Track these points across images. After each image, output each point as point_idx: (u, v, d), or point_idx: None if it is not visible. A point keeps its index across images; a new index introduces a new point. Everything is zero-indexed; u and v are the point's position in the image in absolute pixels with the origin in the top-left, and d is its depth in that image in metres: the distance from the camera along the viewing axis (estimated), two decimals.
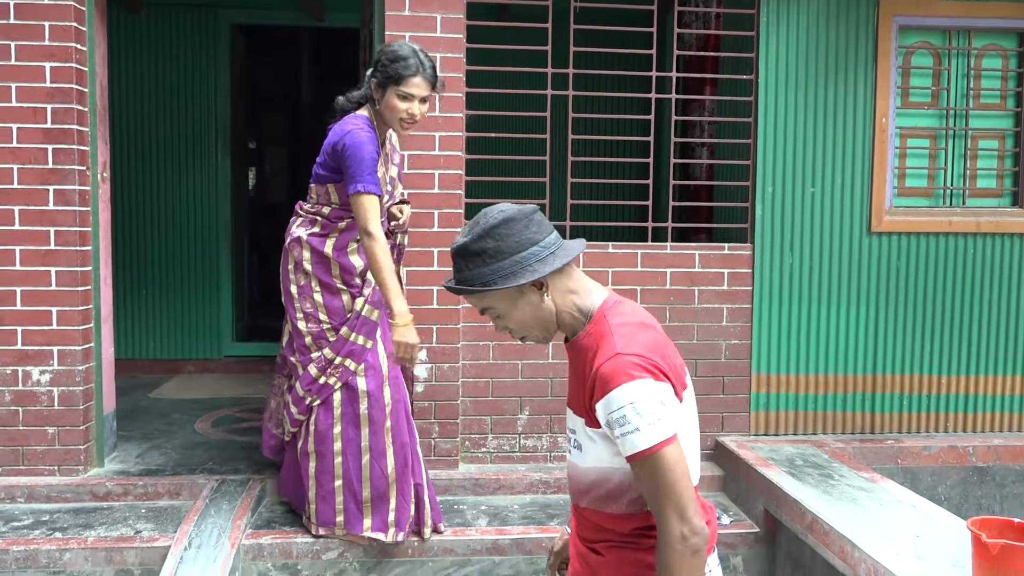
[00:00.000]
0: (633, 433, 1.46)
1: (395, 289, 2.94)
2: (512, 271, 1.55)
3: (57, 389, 3.61)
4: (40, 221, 3.55)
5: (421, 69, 2.96)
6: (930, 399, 4.10)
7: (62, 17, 3.50)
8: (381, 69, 2.99)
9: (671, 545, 1.48)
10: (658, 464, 1.46)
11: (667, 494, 1.47)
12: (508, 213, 1.58)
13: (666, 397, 1.50)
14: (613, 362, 1.49)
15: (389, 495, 3.14)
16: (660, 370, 1.52)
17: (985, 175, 4.14)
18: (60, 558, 3.14)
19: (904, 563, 2.55)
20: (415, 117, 3.01)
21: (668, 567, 1.48)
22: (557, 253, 1.58)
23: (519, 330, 1.64)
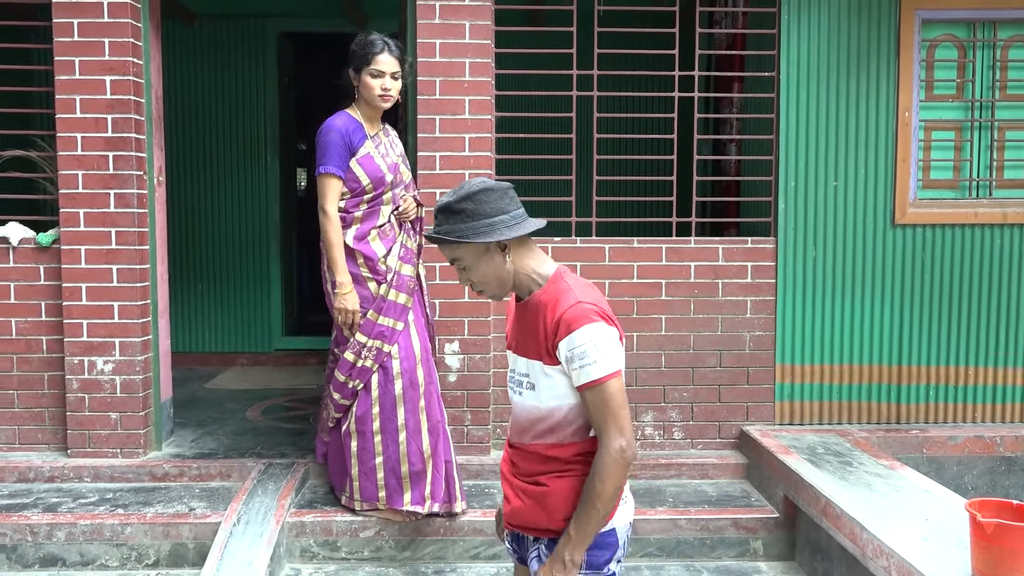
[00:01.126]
0: (590, 365, 1.78)
1: (340, 264, 3.31)
2: (483, 230, 1.83)
3: (119, 378, 3.90)
4: (103, 223, 3.85)
5: (387, 48, 3.30)
6: (957, 390, 4.13)
7: (120, 34, 3.78)
8: (354, 56, 3.32)
9: (610, 455, 1.78)
10: (607, 391, 1.79)
11: (612, 416, 1.79)
12: (488, 184, 1.86)
13: (615, 339, 1.83)
14: (576, 308, 1.80)
15: (426, 470, 3.36)
16: (611, 317, 1.86)
17: (1012, 166, 4.15)
18: (122, 532, 3.42)
19: (908, 543, 2.64)
20: (389, 91, 3.32)
21: (603, 472, 1.79)
22: (523, 224, 1.87)
23: (479, 283, 1.92)
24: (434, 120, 3.90)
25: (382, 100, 3.34)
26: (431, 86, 3.88)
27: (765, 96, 4.15)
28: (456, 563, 3.45)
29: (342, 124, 3.32)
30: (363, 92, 3.35)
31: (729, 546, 3.53)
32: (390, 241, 3.41)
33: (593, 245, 4.03)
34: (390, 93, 3.34)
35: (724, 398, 4.10)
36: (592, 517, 1.80)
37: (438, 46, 3.87)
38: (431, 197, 3.89)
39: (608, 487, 1.78)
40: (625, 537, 1.93)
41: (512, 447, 1.99)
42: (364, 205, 3.35)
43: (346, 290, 3.33)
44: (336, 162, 3.28)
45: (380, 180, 3.35)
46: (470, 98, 3.90)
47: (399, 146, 3.55)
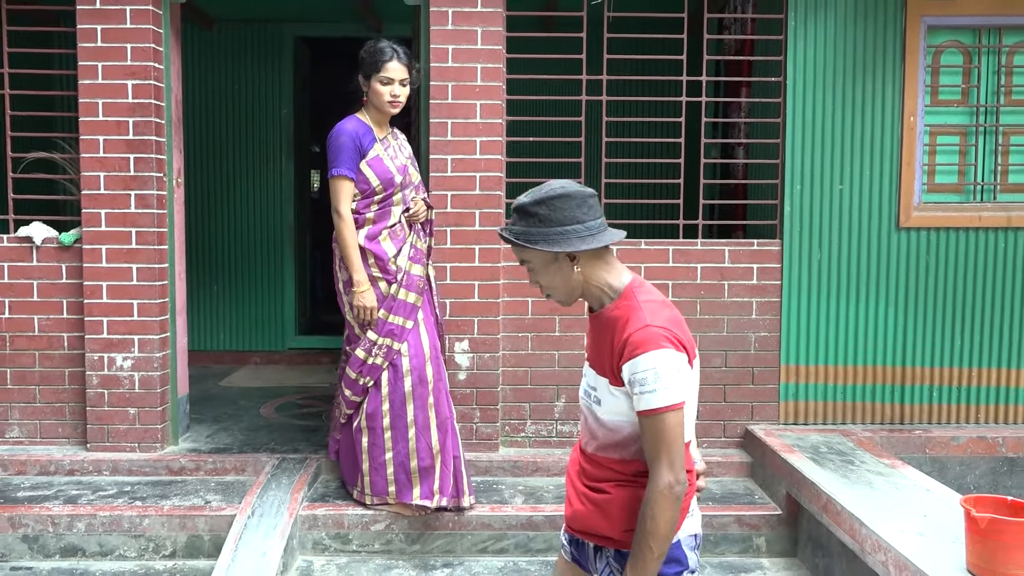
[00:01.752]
0: (650, 393, 1.72)
1: (356, 263, 3.41)
2: (553, 238, 1.79)
3: (137, 374, 4.01)
4: (123, 223, 3.96)
5: (396, 55, 3.39)
6: (960, 391, 4.17)
7: (142, 39, 3.89)
8: (363, 64, 3.42)
9: (659, 490, 1.73)
10: (663, 423, 1.72)
11: (664, 448, 1.73)
12: (568, 190, 1.82)
13: (682, 366, 1.75)
14: (644, 332, 1.74)
15: (435, 465, 3.44)
16: (680, 342, 1.77)
17: (1017, 171, 4.19)
18: (140, 523, 3.52)
19: (905, 538, 2.70)
20: (398, 98, 3.43)
21: (652, 507, 1.74)
22: (596, 236, 1.81)
23: (547, 288, 1.90)
24: (446, 124, 3.98)
25: (391, 106, 3.44)
26: (443, 90, 3.97)
27: (772, 101, 4.22)
28: (464, 556, 3.53)
29: (352, 128, 3.41)
30: (373, 98, 3.44)
31: (733, 542, 3.59)
32: (400, 241, 3.50)
33: None
34: (399, 99, 3.44)
35: (729, 398, 4.16)
36: (647, 557, 1.74)
37: (451, 51, 3.96)
38: (443, 199, 3.98)
39: (660, 524, 1.72)
40: (692, 550, 1.88)
41: (581, 451, 1.96)
42: (375, 206, 3.44)
43: (363, 288, 3.42)
44: (348, 164, 3.37)
45: (389, 181, 3.44)
46: (481, 102, 3.98)
47: (407, 148, 3.64)
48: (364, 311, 3.44)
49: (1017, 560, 2.34)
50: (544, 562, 3.51)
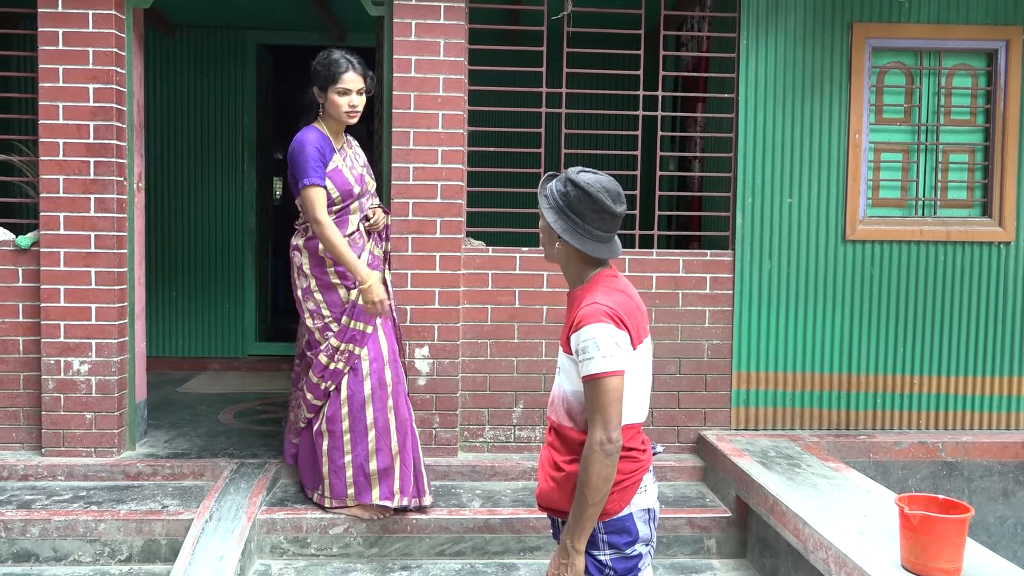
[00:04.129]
0: (589, 360, 1.96)
1: (354, 261, 3.41)
2: (560, 221, 2.05)
3: (95, 378, 3.99)
4: (82, 227, 3.95)
5: (351, 66, 3.42)
6: (903, 397, 4.35)
7: (104, 43, 3.90)
8: (318, 75, 3.44)
9: (591, 445, 1.96)
10: (601, 387, 1.95)
11: (600, 410, 1.95)
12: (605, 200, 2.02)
13: (621, 341, 1.98)
14: (589, 307, 2.00)
15: (394, 466, 3.49)
16: (622, 320, 2.01)
17: (956, 187, 4.39)
18: (96, 527, 3.50)
19: (845, 537, 2.82)
20: (356, 108, 3.46)
21: (586, 461, 1.96)
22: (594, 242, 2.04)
23: (546, 252, 2.18)
24: (408, 133, 4.05)
25: (349, 116, 3.48)
26: (406, 100, 4.04)
27: (725, 116, 4.36)
28: (422, 560, 3.58)
29: (315, 138, 3.44)
30: (330, 109, 3.46)
31: (684, 544, 3.69)
32: (359, 249, 3.54)
33: None
34: (357, 109, 3.47)
35: (683, 404, 4.28)
36: (583, 505, 1.95)
37: (413, 62, 4.03)
38: (404, 207, 4.05)
39: (591, 476, 1.93)
40: (645, 523, 2.09)
41: (550, 428, 2.15)
42: (332, 216, 3.48)
43: (370, 281, 3.39)
44: (317, 173, 3.40)
45: (348, 192, 3.49)
46: (443, 112, 4.06)
47: (362, 157, 3.68)
48: (375, 305, 3.41)
49: (947, 554, 2.47)
50: (501, 564, 3.57)
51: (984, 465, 4.19)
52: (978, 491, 4.18)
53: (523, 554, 3.61)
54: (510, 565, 3.56)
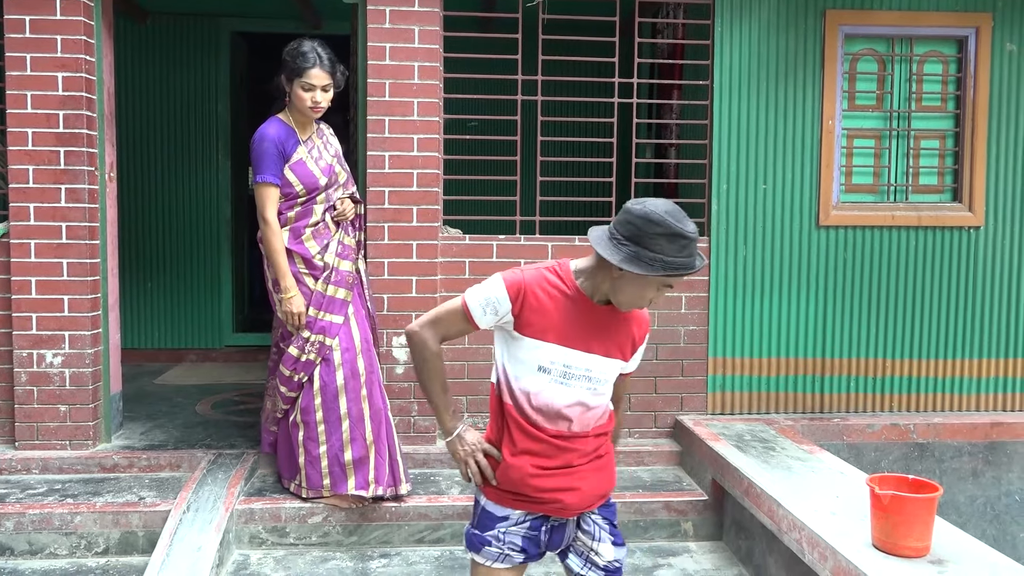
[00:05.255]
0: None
1: (284, 269, 3.43)
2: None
3: (68, 371, 3.95)
4: (53, 217, 3.90)
5: (319, 61, 3.36)
6: (875, 381, 4.41)
7: (73, 31, 3.84)
8: (286, 65, 3.39)
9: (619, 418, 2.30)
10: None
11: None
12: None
13: None
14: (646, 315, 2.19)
15: (369, 456, 3.49)
16: None
17: (927, 173, 4.45)
18: (72, 520, 3.48)
19: (818, 517, 2.87)
20: (320, 104, 3.41)
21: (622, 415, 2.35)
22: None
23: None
24: (384, 121, 4.03)
25: (312, 112, 3.44)
26: (381, 88, 4.02)
27: (701, 103, 4.38)
28: (401, 547, 3.59)
29: (275, 132, 3.41)
30: (295, 101, 3.43)
31: (661, 528, 3.73)
32: (324, 238, 3.53)
33: (536, 243, 4.21)
34: (321, 105, 3.43)
35: (660, 389, 4.31)
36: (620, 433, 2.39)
37: (388, 50, 4.01)
38: (380, 195, 4.03)
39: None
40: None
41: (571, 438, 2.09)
42: (298, 207, 3.47)
43: (291, 294, 3.44)
44: (272, 170, 3.38)
45: (313, 185, 3.47)
46: (419, 100, 4.04)
47: (334, 145, 3.64)
48: (292, 316, 3.45)
49: (916, 533, 2.52)
50: None
51: (954, 446, 4.27)
52: (949, 471, 4.25)
53: None
54: None
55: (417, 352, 2.13)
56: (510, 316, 2.02)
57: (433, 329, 2.10)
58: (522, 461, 2.06)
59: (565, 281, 2.05)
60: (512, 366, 2.07)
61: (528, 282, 2.03)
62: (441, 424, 2.17)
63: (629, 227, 1.94)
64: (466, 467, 2.14)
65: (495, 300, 2.02)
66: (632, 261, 1.91)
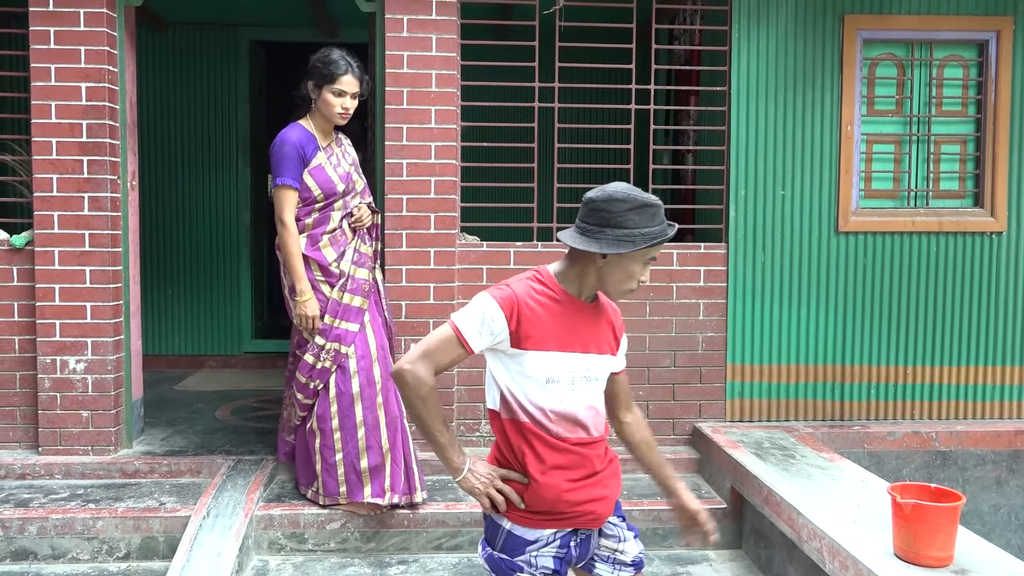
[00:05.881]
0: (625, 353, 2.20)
1: (299, 272, 3.45)
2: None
3: (91, 377, 4.00)
4: (76, 225, 3.95)
5: (350, 68, 3.43)
6: (896, 388, 4.37)
7: (96, 42, 3.89)
8: (316, 72, 3.44)
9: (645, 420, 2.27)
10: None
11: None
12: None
13: None
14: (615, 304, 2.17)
15: (384, 464, 3.50)
16: None
17: (948, 178, 4.41)
18: (93, 525, 3.51)
19: (838, 526, 2.84)
20: (348, 111, 3.47)
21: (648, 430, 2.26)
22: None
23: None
24: (401, 129, 4.05)
25: (341, 118, 3.49)
26: (399, 96, 4.04)
27: (718, 109, 4.37)
28: (419, 554, 3.60)
29: (296, 137, 3.45)
30: (322, 107, 3.47)
31: (680, 536, 3.71)
32: (341, 246, 3.55)
33: (554, 250, 4.21)
34: (349, 112, 3.49)
35: (678, 396, 4.30)
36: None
37: (406, 58, 4.04)
38: (398, 203, 4.06)
39: None
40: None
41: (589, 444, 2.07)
42: (316, 213, 3.50)
43: (306, 297, 3.46)
44: (292, 174, 3.42)
45: (332, 191, 3.50)
46: (436, 108, 4.06)
47: (351, 155, 3.68)
48: (306, 320, 3.47)
49: (939, 543, 2.49)
50: None
51: (977, 454, 4.22)
52: (972, 480, 4.20)
53: None
54: None
55: (411, 391, 1.98)
56: (506, 334, 1.97)
57: (425, 363, 1.97)
58: (555, 478, 2.01)
59: (550, 286, 2.04)
60: (519, 385, 2.01)
61: (519, 295, 1.99)
62: (448, 463, 2.04)
63: (597, 215, 1.97)
64: (487, 499, 2.04)
65: (489, 320, 1.96)
66: (614, 243, 1.94)
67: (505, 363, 2.02)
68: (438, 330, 2.00)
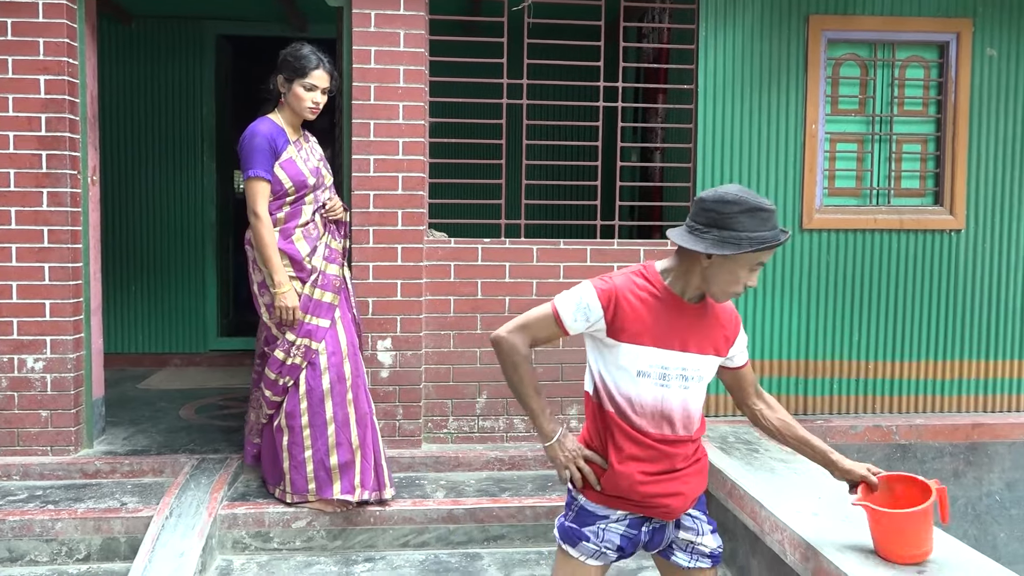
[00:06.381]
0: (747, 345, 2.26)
1: (276, 264, 3.41)
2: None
3: (50, 376, 3.92)
4: (35, 221, 3.87)
5: (321, 63, 3.43)
6: (858, 383, 4.44)
7: (55, 34, 3.82)
8: (286, 66, 3.44)
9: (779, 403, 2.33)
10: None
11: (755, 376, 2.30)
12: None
13: None
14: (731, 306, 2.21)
15: (355, 460, 3.48)
16: None
17: (909, 176, 4.49)
18: (52, 527, 3.45)
19: (800, 518, 2.88)
20: (319, 105, 3.47)
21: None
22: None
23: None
24: (369, 124, 4.03)
25: (311, 112, 3.48)
26: (366, 91, 4.01)
27: (685, 107, 4.40)
28: (386, 551, 3.58)
29: (266, 129, 3.43)
30: (292, 102, 3.46)
31: None
32: (314, 240, 3.53)
33: (522, 246, 4.21)
34: (319, 107, 3.48)
35: None
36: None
37: (373, 53, 4.01)
38: (365, 199, 4.03)
39: None
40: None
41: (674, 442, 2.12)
42: (287, 207, 3.47)
43: (284, 288, 3.42)
44: (264, 166, 3.39)
45: (303, 183, 3.47)
46: (404, 104, 4.04)
47: (319, 151, 3.68)
48: (286, 311, 3.44)
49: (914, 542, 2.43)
50: (465, 554, 3.59)
51: (936, 447, 4.31)
52: (931, 472, 4.28)
53: (487, 543, 3.63)
54: (474, 554, 3.58)
55: (506, 357, 2.11)
56: (602, 323, 2.05)
57: (522, 334, 2.10)
58: (630, 468, 2.08)
59: (653, 283, 2.08)
60: (610, 374, 2.09)
61: (619, 288, 2.06)
62: (539, 428, 2.15)
63: (707, 214, 1.98)
64: (567, 472, 2.14)
65: (586, 307, 2.05)
66: (719, 245, 1.94)
67: (601, 351, 2.10)
68: (538, 307, 2.12)
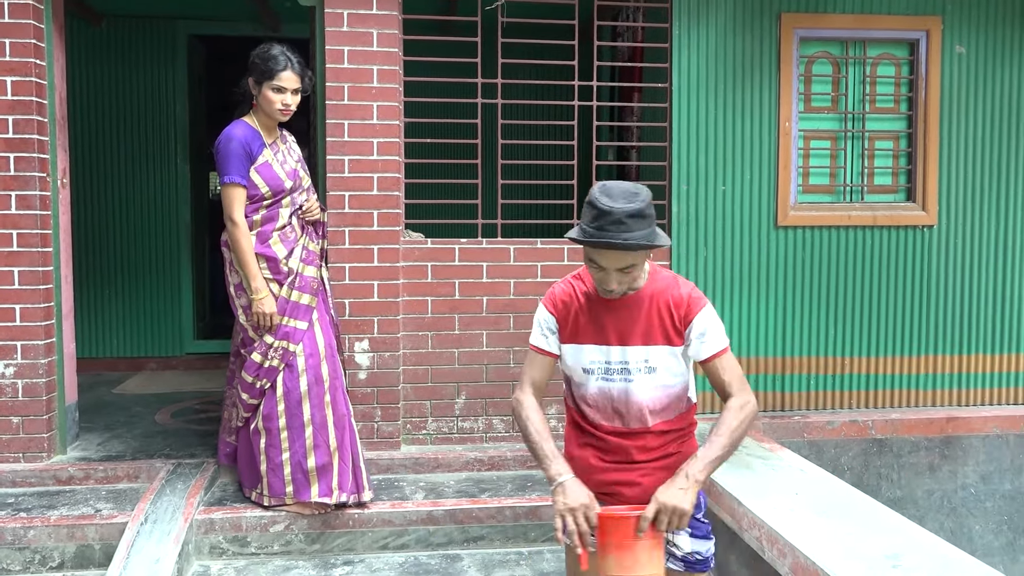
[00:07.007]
0: (716, 337, 2.12)
1: (253, 270, 3.39)
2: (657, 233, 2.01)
3: (21, 381, 3.86)
4: (3, 225, 3.81)
5: (290, 64, 3.38)
6: (834, 378, 4.48)
7: (22, 35, 3.75)
8: (255, 68, 3.39)
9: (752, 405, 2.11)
10: (731, 357, 2.17)
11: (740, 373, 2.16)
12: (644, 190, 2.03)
13: None
14: (695, 292, 2.14)
15: (332, 463, 3.46)
16: None
17: (881, 173, 4.53)
18: (25, 535, 3.39)
19: (777, 514, 2.90)
20: (290, 107, 3.43)
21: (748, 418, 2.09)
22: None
23: (632, 281, 2.08)
24: (343, 124, 4.00)
25: (282, 114, 3.44)
26: (339, 92, 3.99)
27: (660, 106, 4.42)
28: (365, 554, 3.56)
29: (241, 134, 3.39)
30: (263, 104, 3.42)
31: None
32: (291, 243, 3.50)
33: (499, 246, 4.21)
34: (290, 108, 3.44)
35: None
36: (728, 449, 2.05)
37: (346, 53, 3.98)
38: (340, 200, 4.00)
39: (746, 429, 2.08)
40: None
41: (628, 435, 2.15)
42: (263, 210, 3.44)
43: (262, 294, 3.39)
44: (240, 171, 3.35)
45: (279, 187, 3.45)
46: (378, 104, 4.02)
47: (297, 151, 3.64)
48: (264, 317, 3.41)
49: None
50: (445, 555, 3.58)
51: (911, 441, 4.35)
52: (907, 466, 4.33)
53: (467, 544, 3.62)
54: (454, 556, 3.57)
55: (515, 414, 2.21)
56: (558, 327, 2.17)
57: (523, 384, 2.21)
58: (586, 453, 2.22)
59: (586, 282, 2.17)
60: (568, 372, 2.24)
61: (559, 294, 2.17)
62: (544, 472, 2.13)
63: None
64: (559, 520, 2.00)
65: (544, 320, 2.19)
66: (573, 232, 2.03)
67: (562, 353, 2.22)
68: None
